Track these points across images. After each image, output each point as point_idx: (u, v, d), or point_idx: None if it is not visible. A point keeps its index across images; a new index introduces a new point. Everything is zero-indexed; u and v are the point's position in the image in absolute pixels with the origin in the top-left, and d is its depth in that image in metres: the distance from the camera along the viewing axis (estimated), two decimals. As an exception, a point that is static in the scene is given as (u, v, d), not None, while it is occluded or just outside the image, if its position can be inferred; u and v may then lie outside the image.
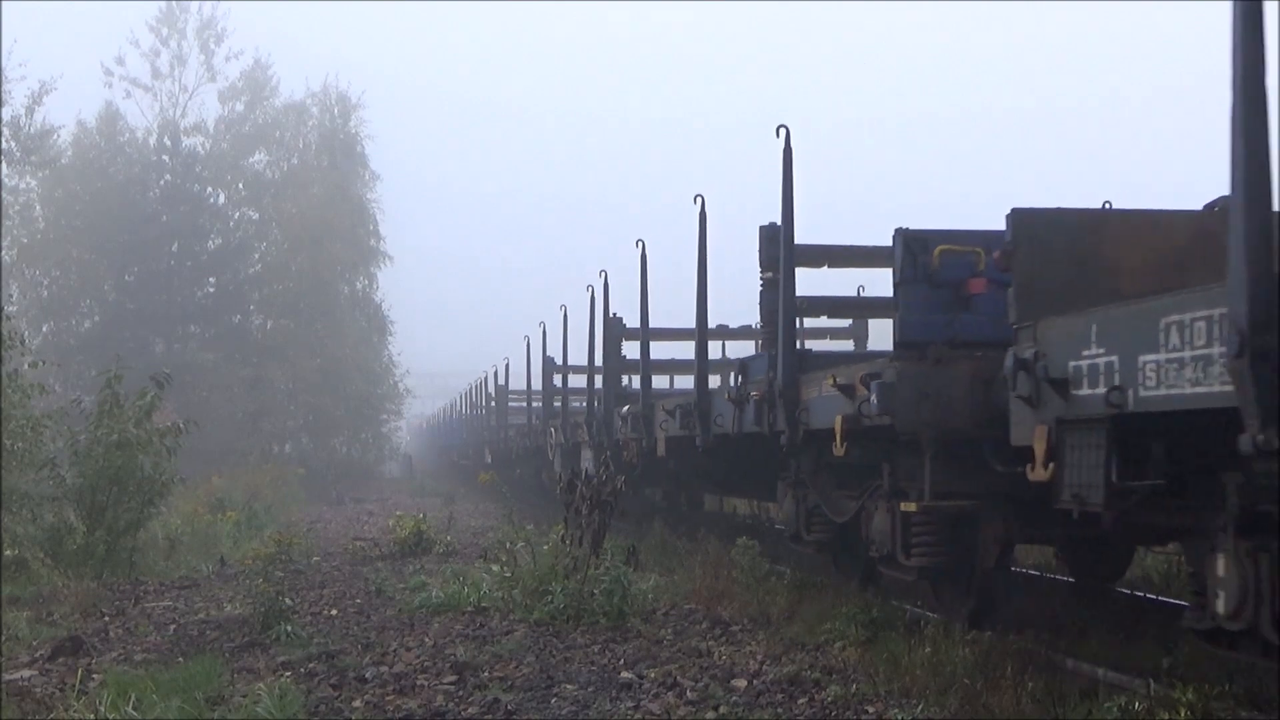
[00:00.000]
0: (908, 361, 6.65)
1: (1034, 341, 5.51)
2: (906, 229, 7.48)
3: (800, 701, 6.19)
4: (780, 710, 6.05)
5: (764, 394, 8.60)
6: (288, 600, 9.14)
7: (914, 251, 7.43)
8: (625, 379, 15.58)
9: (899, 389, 6.52)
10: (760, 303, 9.28)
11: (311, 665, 7.37)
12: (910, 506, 7.00)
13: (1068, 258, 5.93)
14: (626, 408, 13.94)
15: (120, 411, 13.24)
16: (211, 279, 41.52)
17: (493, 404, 28.15)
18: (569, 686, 6.67)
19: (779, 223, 8.58)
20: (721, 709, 6.06)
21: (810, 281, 9.11)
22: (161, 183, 41.22)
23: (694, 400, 10.57)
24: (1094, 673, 6.03)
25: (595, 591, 8.85)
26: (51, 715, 6.19)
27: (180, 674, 6.94)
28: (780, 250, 8.50)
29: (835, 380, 7.38)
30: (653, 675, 6.86)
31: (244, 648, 8.11)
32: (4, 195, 35.16)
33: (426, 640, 8.20)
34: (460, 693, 6.58)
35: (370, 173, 44.79)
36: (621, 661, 7.34)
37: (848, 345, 13.48)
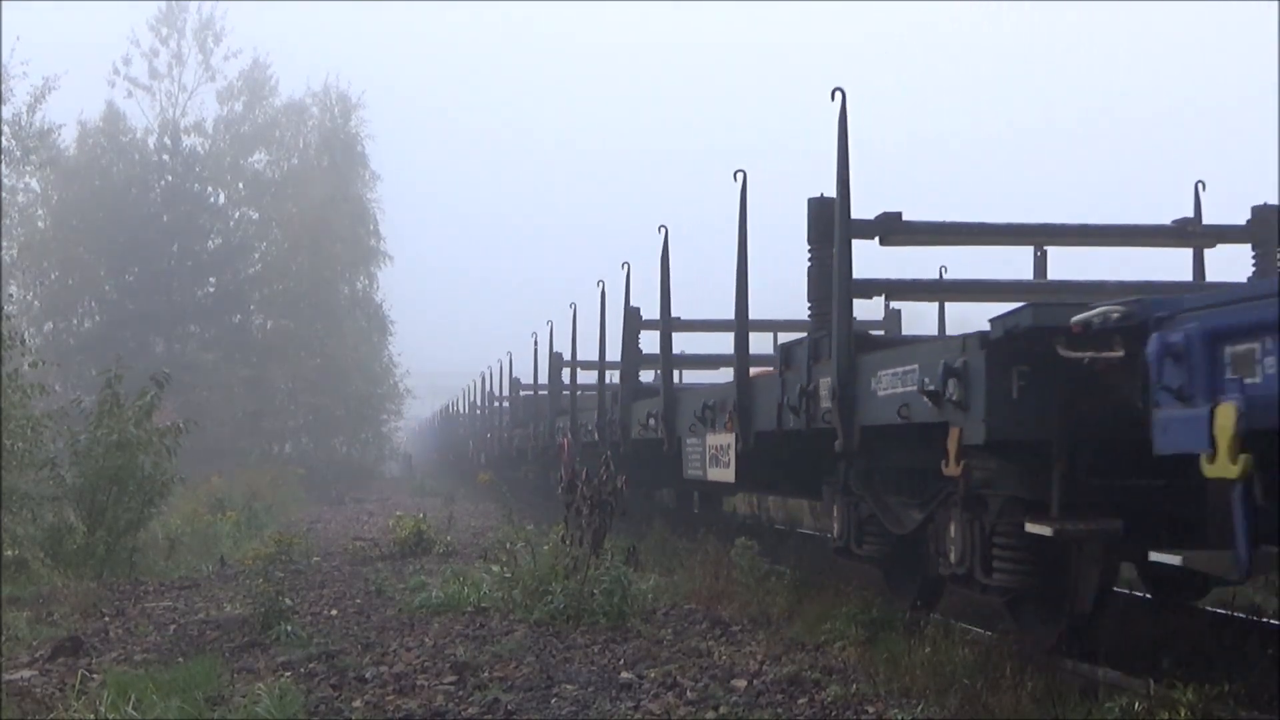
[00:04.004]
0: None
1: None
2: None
3: (800, 701, 6.19)
4: (780, 710, 6.04)
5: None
6: (288, 600, 9.13)
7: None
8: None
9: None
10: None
11: (311, 665, 7.37)
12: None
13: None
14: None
15: (120, 411, 13.24)
16: (211, 279, 41.51)
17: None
18: (569, 686, 6.67)
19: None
20: (721, 709, 6.05)
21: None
22: (162, 183, 41.20)
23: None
24: (1094, 673, 6.02)
25: (595, 591, 8.84)
26: (51, 715, 6.18)
27: (180, 674, 6.93)
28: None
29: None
30: (653, 675, 6.86)
31: (244, 648, 8.10)
32: (4, 195, 35.16)
33: (426, 640, 8.20)
34: (460, 693, 6.58)
35: (370, 172, 44.86)
36: (621, 661, 7.33)
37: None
